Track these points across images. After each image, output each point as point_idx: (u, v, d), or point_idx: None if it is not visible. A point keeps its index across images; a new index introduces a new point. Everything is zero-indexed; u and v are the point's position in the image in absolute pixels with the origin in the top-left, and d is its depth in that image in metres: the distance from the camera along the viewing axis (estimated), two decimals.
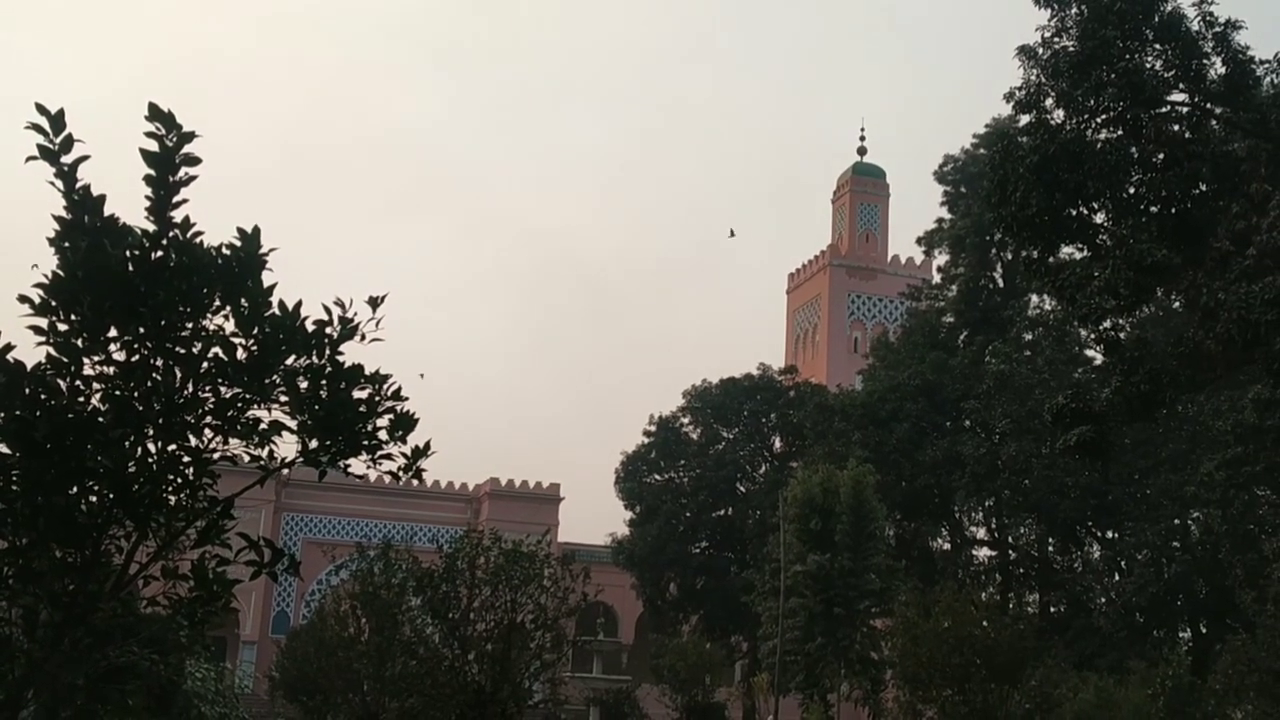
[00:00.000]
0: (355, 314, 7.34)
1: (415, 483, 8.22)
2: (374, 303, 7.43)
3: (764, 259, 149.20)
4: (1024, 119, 23.26)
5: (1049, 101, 22.62)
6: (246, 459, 7.48)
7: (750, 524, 56.11)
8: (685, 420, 62.21)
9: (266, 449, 7.44)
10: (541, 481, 79.04)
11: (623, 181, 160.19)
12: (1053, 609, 44.36)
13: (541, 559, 21.77)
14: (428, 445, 7.72)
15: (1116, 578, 40.71)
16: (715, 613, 58.10)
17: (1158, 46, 22.22)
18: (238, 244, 7.09)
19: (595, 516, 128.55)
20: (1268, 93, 21.88)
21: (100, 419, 6.91)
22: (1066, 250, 23.70)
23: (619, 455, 61.88)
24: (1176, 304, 26.83)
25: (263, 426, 7.42)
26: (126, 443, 6.98)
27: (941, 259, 58.09)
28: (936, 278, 60.20)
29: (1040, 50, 22.61)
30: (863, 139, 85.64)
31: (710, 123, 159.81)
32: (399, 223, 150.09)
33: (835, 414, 50.78)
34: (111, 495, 7.01)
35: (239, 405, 7.31)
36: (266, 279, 7.11)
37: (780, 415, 61.05)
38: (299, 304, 7.15)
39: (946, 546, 50.63)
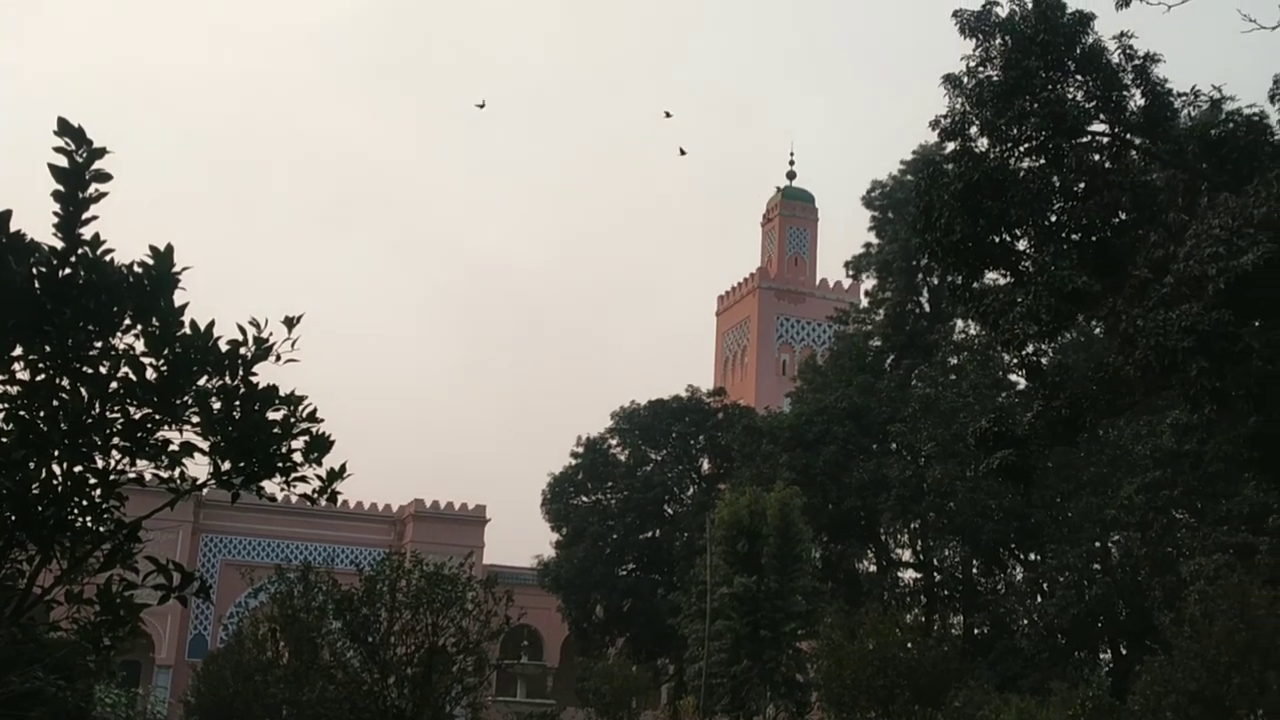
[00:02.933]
0: (271, 334, 7.19)
1: (338, 504, 8.09)
2: (290, 323, 7.31)
3: (694, 281, 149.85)
4: (950, 146, 23.45)
5: (974, 129, 22.86)
6: (156, 481, 7.31)
7: (677, 546, 56.05)
8: (613, 442, 62.09)
9: (177, 471, 7.28)
10: (467, 503, 78.43)
11: (555, 202, 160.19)
12: (976, 630, 44.72)
13: (464, 582, 21.49)
14: (343, 468, 7.59)
15: (1039, 599, 41.20)
16: (642, 635, 57.92)
17: (1079, 78, 22.60)
18: (150, 262, 6.92)
19: (522, 538, 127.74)
20: (1185, 125, 22.35)
21: (3, 440, 6.70)
22: (991, 276, 23.99)
23: (547, 477, 61.63)
24: (1097, 330, 27.31)
25: (173, 448, 7.25)
26: (30, 464, 6.77)
27: (869, 283, 58.67)
28: (864, 302, 60.77)
29: (965, 79, 22.86)
30: (792, 163, 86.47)
31: (642, 145, 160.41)
32: (329, 241, 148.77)
33: (763, 436, 50.96)
34: (14, 517, 6.79)
35: (148, 426, 7.13)
36: (179, 298, 6.94)
37: (709, 437, 61.15)
38: (211, 324, 7.00)
39: (872, 568, 50.94)
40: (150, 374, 6.95)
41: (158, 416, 7.09)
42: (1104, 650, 39.64)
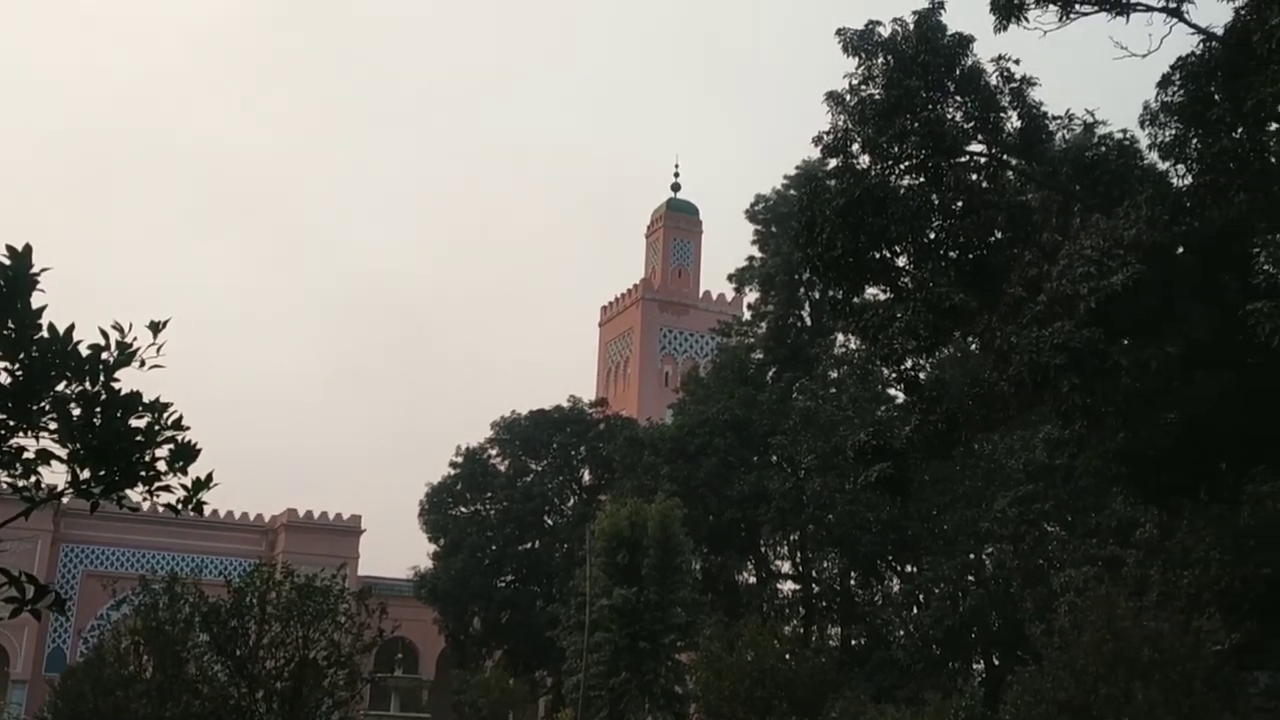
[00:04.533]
0: (135, 339, 6.87)
1: (203, 514, 7.79)
2: (155, 327, 7.02)
3: (577, 291, 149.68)
4: (832, 162, 23.68)
5: (855, 146, 23.11)
6: (10, 489, 6.96)
7: (557, 557, 55.73)
8: (493, 452, 61.55)
9: (33, 479, 6.93)
10: (342, 513, 76.96)
11: (437, 208, 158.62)
12: (853, 642, 45.21)
13: (337, 593, 21.00)
14: (209, 477, 7.31)
15: (915, 611, 41.81)
16: (520, 647, 57.41)
17: (959, 98, 23.02)
18: (6, 262, 6.56)
19: (400, 550, 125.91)
20: (1059, 147, 22.91)
21: None
22: (871, 291, 24.26)
23: (425, 487, 60.82)
24: (974, 346, 27.83)
25: (28, 455, 6.90)
26: None
27: (752, 296, 58.98)
28: (747, 314, 61.17)
29: (848, 97, 23.11)
30: (677, 175, 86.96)
31: (526, 153, 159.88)
32: (200, 244, 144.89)
33: (645, 447, 50.95)
34: None
35: (2, 433, 6.77)
36: (37, 299, 6.60)
37: (590, 448, 60.95)
38: (71, 327, 6.67)
39: (752, 580, 51.21)
40: (4, 378, 6.62)
41: (12, 423, 6.76)
42: (977, 660, 40.36)
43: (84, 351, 6.73)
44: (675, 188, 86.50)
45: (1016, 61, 23.16)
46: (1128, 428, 20.53)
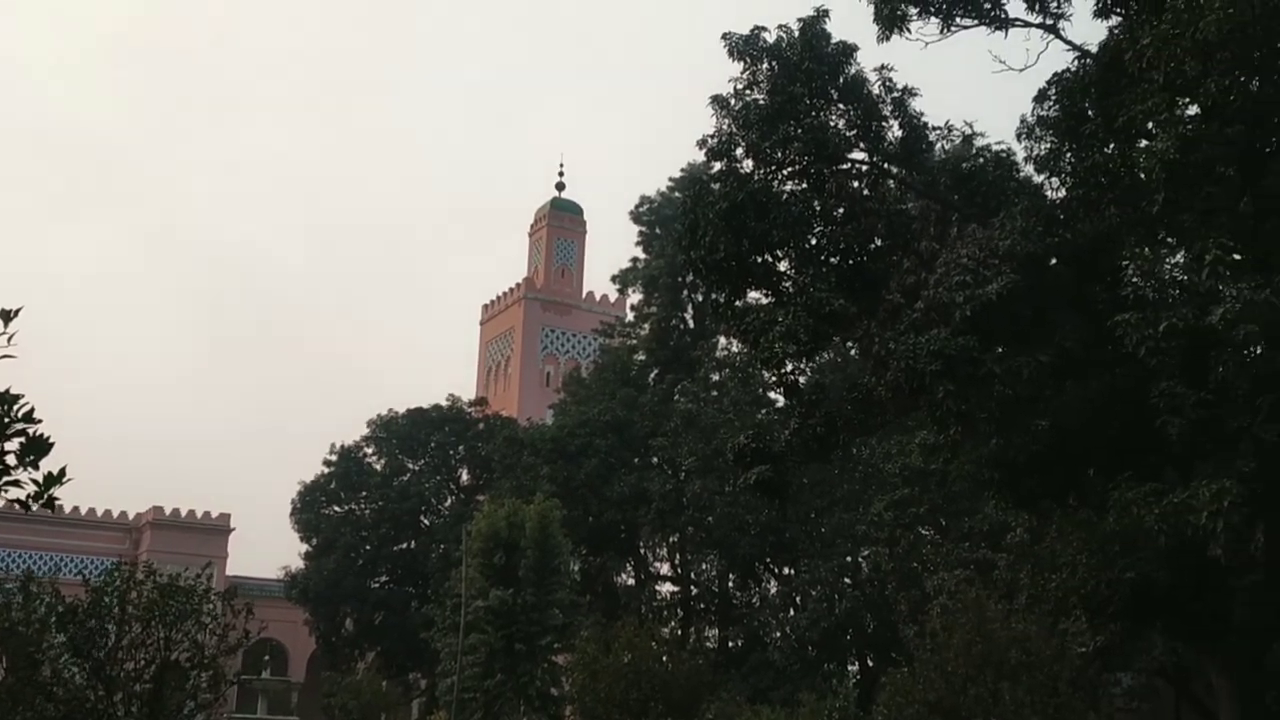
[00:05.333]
0: None
1: (54, 510, 7.42)
2: (6, 316, 6.67)
3: (459, 288, 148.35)
4: (716, 166, 23.68)
5: (739, 151, 23.12)
6: None
7: (433, 558, 55.06)
8: (369, 450, 60.66)
9: None
10: (210, 511, 74.97)
11: (313, 199, 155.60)
12: (731, 643, 45.50)
13: (201, 593, 20.36)
14: (63, 472, 6.96)
15: (791, 613, 42.20)
16: (394, 649, 56.61)
17: (841, 106, 23.20)
18: None
19: (272, 549, 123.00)
20: (939, 157, 23.26)
21: None
22: (753, 295, 24.36)
23: (298, 485, 59.61)
24: (853, 351, 28.17)
25: None
26: None
27: (635, 298, 59.06)
28: (630, 316, 61.24)
29: (733, 101, 23.13)
30: (561, 174, 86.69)
31: (406, 145, 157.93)
32: (57, 230, 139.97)
33: (524, 448, 50.63)
34: None
35: None
36: None
37: (469, 447, 60.42)
38: None
39: (631, 582, 51.23)
40: None
41: None
42: (853, 662, 40.89)
43: None
44: (560, 186, 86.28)
45: (894, 71, 23.44)
46: (1000, 434, 20.92)
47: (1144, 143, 18.29)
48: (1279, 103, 18.10)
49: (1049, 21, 22.11)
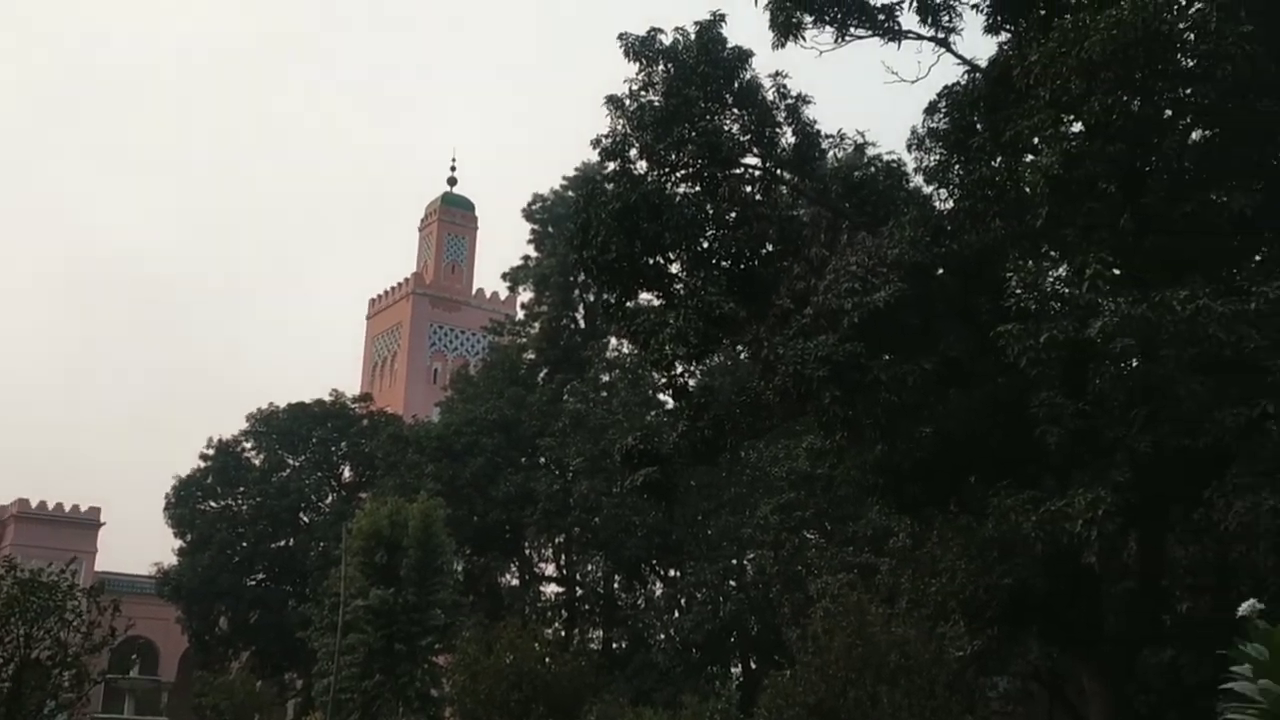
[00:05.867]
0: None
1: None
2: None
3: (345, 283, 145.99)
4: (610, 166, 23.58)
5: (634, 152, 23.02)
6: None
7: (313, 556, 54.08)
8: (248, 445, 59.38)
9: None
10: (80, 504, 72.54)
11: (192, 191, 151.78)
12: (615, 645, 45.46)
13: (65, 589, 19.67)
14: None
15: (676, 615, 42.35)
16: (269, 648, 55.45)
17: (736, 111, 23.23)
18: None
19: (145, 545, 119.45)
20: (831, 165, 23.45)
21: None
22: (644, 297, 24.28)
23: (173, 480, 58.03)
24: (743, 355, 28.26)
25: None
26: None
27: (526, 296, 58.75)
28: (520, 314, 60.90)
29: (628, 102, 23.01)
30: (454, 169, 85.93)
31: (290, 136, 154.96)
32: None
33: (409, 445, 49.96)
34: None
35: None
36: None
37: (351, 444, 59.49)
38: None
39: (515, 583, 50.90)
40: None
41: None
42: (736, 664, 41.17)
43: None
44: (452, 182, 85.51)
45: (789, 78, 23.57)
46: (885, 440, 21.12)
47: (1029, 158, 18.60)
48: (1159, 123, 18.59)
49: (941, 35, 22.40)
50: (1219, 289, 16.40)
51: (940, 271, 20.78)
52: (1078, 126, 18.93)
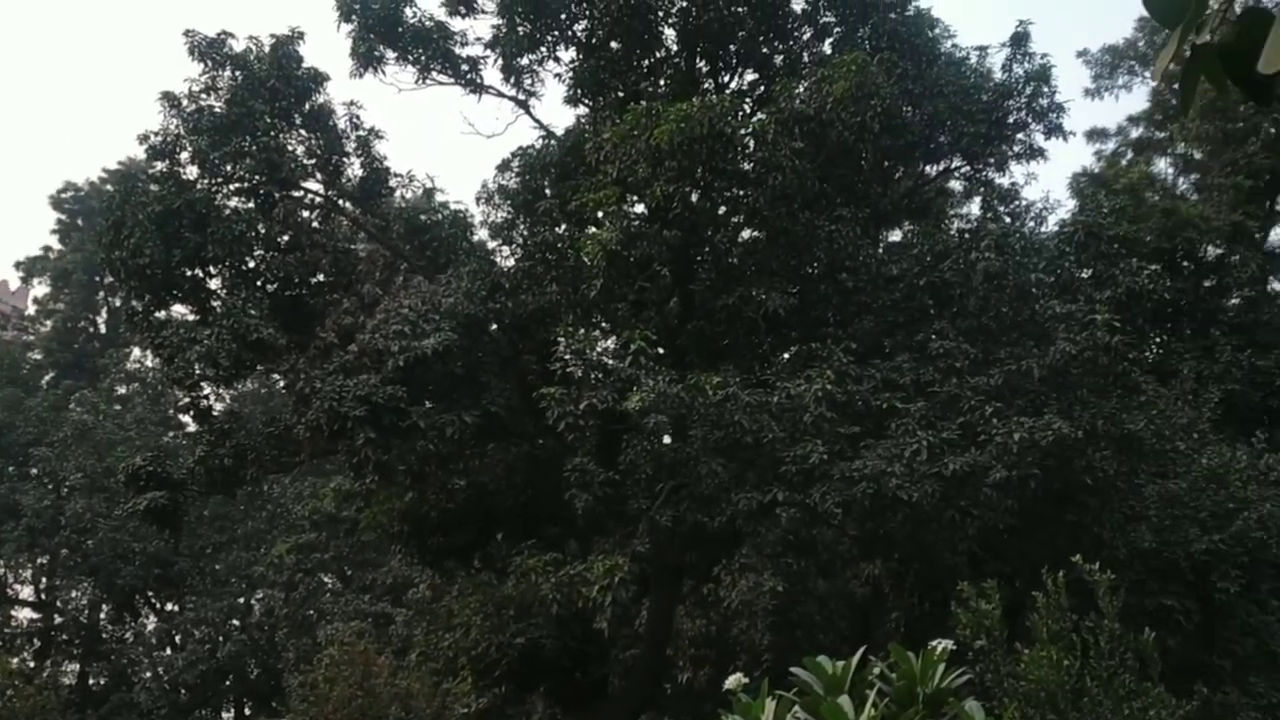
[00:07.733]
0: None
1: None
2: None
3: None
4: (158, 166, 22.05)
5: (185, 155, 21.77)
6: None
7: None
8: None
9: None
10: None
11: None
12: (93, 681, 41.77)
13: None
14: None
15: (169, 652, 39.62)
16: None
17: (304, 133, 22.50)
18: None
19: None
20: (397, 205, 23.10)
21: None
22: (178, 309, 22.67)
23: None
24: (279, 385, 27.01)
25: None
26: None
27: (41, 290, 53.84)
28: (32, 309, 55.69)
29: (186, 102, 21.75)
30: None
31: None
32: None
33: None
34: None
35: None
36: None
37: None
38: None
39: None
40: None
41: None
42: (229, 709, 39.04)
43: None
44: None
45: (364, 109, 23.09)
46: (417, 488, 20.79)
47: (592, 229, 19.10)
48: (714, 216, 19.67)
49: (522, 97, 22.78)
50: (748, 380, 17.47)
51: (494, 327, 20.87)
52: (640, 208, 19.72)
